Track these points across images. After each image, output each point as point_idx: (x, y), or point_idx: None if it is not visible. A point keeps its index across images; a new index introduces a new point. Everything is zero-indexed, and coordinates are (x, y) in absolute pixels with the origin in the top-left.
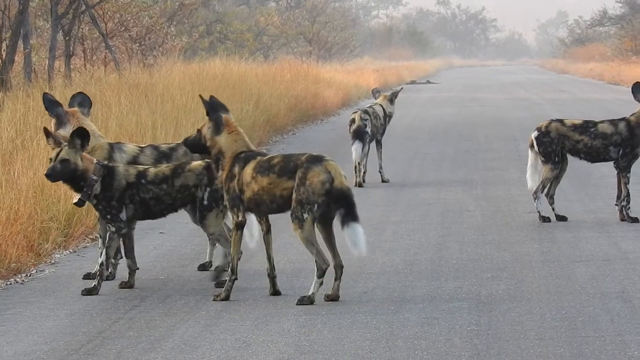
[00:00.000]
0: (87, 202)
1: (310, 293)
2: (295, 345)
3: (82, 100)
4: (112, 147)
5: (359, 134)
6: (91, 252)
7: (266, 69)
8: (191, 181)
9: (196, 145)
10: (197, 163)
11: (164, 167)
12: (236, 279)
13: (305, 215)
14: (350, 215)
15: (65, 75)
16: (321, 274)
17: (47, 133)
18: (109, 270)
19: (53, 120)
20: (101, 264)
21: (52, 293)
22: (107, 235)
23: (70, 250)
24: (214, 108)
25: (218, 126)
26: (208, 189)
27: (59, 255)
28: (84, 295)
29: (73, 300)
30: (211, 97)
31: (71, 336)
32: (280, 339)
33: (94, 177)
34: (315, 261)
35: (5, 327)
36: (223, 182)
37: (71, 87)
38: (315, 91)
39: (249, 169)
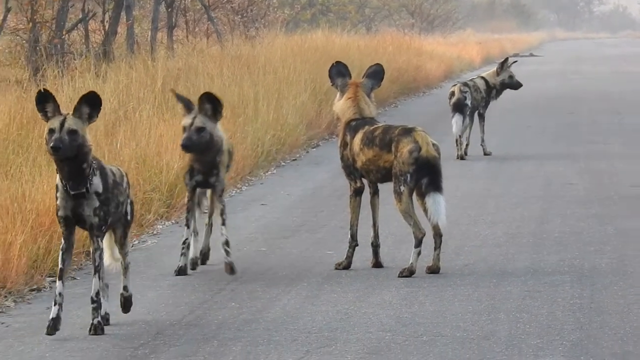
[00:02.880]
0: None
1: (409, 264)
2: (397, 317)
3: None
4: None
5: (458, 107)
6: None
7: (368, 42)
8: None
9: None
10: None
11: None
12: (357, 244)
13: (402, 188)
14: (432, 185)
15: (168, 47)
16: (418, 243)
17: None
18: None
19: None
20: (97, 293)
21: (155, 264)
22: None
23: (172, 221)
24: (339, 73)
25: (342, 92)
26: None
27: (161, 226)
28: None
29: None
30: (338, 63)
31: (173, 307)
32: (382, 311)
33: (95, 163)
34: (413, 232)
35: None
36: (338, 147)
37: (173, 59)
38: (417, 64)
39: (357, 140)
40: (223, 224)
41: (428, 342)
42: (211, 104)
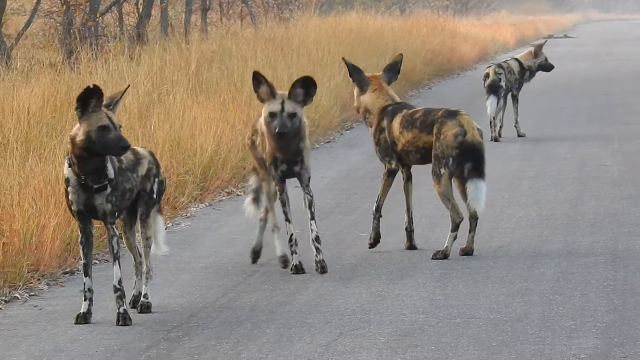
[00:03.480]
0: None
1: (444, 247)
2: (430, 300)
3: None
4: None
5: (493, 89)
6: (226, 206)
7: (402, 23)
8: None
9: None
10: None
11: None
12: (381, 216)
13: (442, 170)
14: (476, 171)
15: (202, 30)
16: (455, 227)
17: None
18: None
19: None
20: (120, 281)
21: (188, 246)
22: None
23: (206, 204)
24: (355, 70)
25: (362, 86)
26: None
27: (194, 209)
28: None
29: (208, 254)
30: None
31: (207, 289)
32: (415, 292)
33: None
34: (450, 215)
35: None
36: (372, 135)
37: (207, 42)
38: (451, 45)
39: (396, 123)
40: (312, 217)
41: (461, 324)
42: (305, 89)
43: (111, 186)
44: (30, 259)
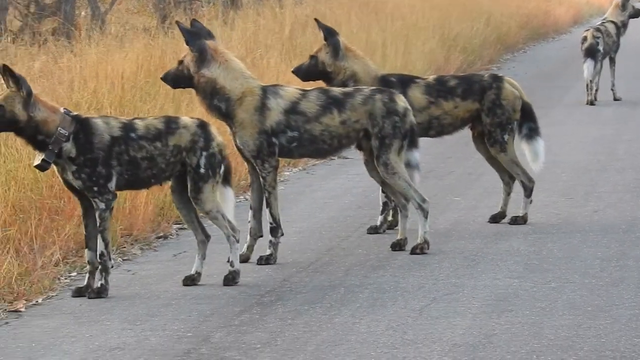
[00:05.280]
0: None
1: (522, 213)
2: (525, 264)
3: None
4: (266, 91)
5: (591, 52)
6: (320, 170)
7: None
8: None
9: (311, 72)
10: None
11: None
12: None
13: (506, 136)
14: (536, 130)
15: None
16: (529, 193)
17: (5, 69)
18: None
19: (191, 56)
20: (101, 255)
21: (281, 211)
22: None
23: (300, 168)
24: (330, 32)
25: (337, 50)
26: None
27: (288, 173)
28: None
29: (302, 218)
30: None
31: (300, 253)
32: (510, 257)
33: (62, 131)
34: (521, 181)
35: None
36: None
37: (301, 6)
38: (546, 9)
39: (417, 93)
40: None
41: (556, 288)
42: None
43: (75, 164)
44: (124, 223)
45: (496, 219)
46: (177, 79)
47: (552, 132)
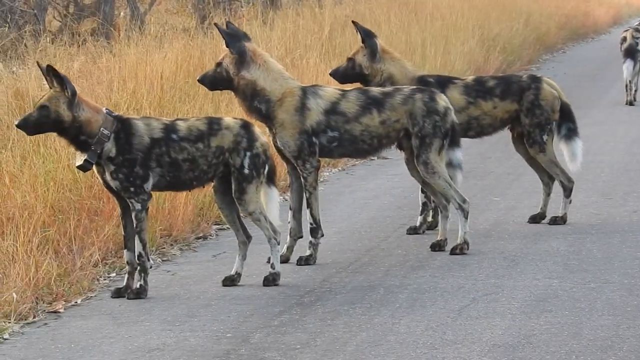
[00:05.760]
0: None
1: (561, 213)
2: (564, 265)
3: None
4: (305, 92)
5: (630, 52)
6: (360, 171)
7: None
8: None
9: (348, 75)
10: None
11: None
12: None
13: (545, 137)
14: (575, 130)
15: None
16: (569, 193)
17: (49, 69)
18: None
19: (230, 58)
20: (139, 256)
21: (321, 211)
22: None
23: (339, 168)
24: (367, 34)
25: (374, 52)
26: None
27: (327, 173)
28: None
29: (341, 219)
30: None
31: (339, 254)
32: (549, 257)
33: (105, 132)
34: (560, 181)
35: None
36: None
37: (341, 6)
38: (585, 9)
39: (455, 94)
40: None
41: (596, 289)
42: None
43: (114, 164)
44: (163, 224)
45: (536, 219)
46: (215, 81)
47: (592, 132)
